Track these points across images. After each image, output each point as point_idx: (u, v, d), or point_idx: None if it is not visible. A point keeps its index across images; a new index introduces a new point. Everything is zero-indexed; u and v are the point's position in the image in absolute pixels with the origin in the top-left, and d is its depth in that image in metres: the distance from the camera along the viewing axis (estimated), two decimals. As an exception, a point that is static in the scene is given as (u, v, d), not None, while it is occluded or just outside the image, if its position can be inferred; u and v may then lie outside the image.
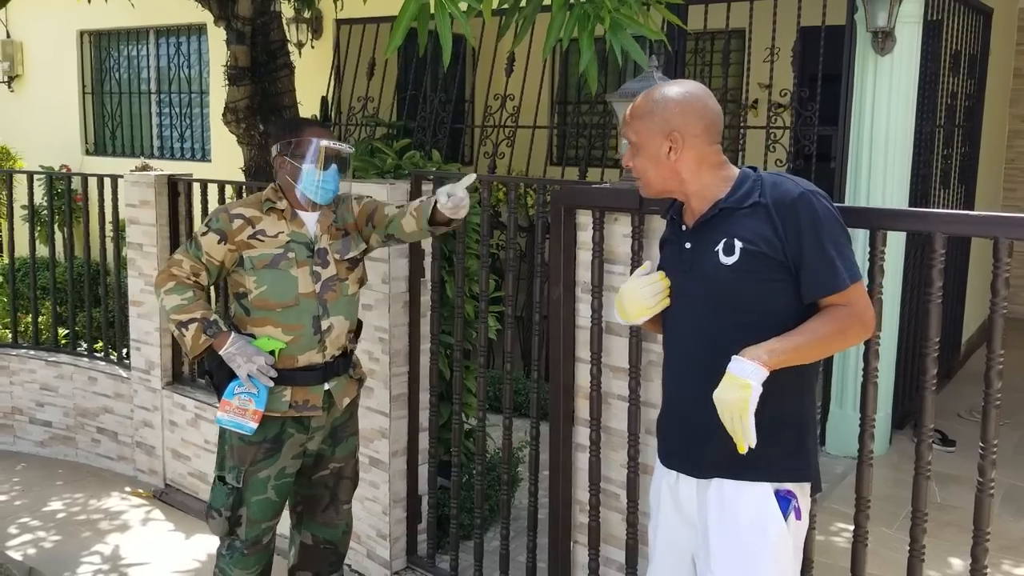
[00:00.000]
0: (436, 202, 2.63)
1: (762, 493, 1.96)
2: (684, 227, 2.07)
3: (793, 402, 1.97)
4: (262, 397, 2.67)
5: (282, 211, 2.75)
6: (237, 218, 2.72)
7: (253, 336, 2.71)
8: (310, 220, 2.78)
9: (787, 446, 1.97)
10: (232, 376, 2.69)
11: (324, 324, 2.75)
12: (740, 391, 1.84)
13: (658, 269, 2.16)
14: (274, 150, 2.79)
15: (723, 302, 1.96)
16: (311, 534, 2.97)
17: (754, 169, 2.02)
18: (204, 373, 2.82)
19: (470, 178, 2.65)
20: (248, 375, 2.65)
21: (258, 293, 2.70)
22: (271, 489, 2.77)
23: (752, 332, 1.91)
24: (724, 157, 2.05)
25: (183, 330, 2.67)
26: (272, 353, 2.69)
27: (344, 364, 2.85)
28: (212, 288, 2.90)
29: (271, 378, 2.67)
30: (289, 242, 2.73)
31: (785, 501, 1.97)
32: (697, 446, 2.02)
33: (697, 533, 2.05)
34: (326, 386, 2.79)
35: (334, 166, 2.74)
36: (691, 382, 2.03)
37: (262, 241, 2.72)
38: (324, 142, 2.73)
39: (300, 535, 2.99)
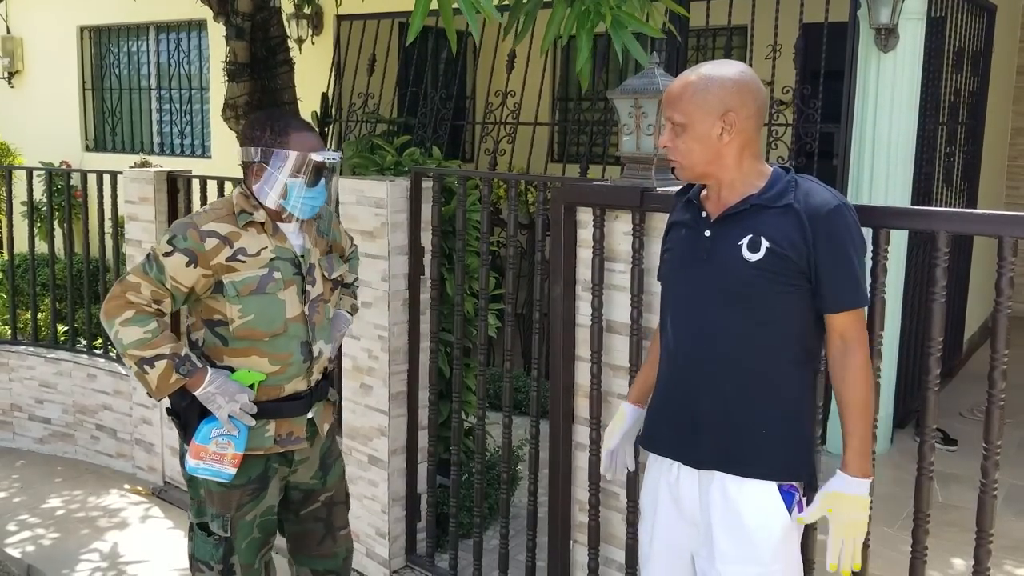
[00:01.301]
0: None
1: (767, 490, 1.95)
2: (705, 214, 2.00)
3: (796, 402, 1.97)
4: (242, 439, 2.35)
5: (262, 224, 2.37)
6: (210, 236, 2.30)
7: (231, 369, 2.36)
8: (291, 231, 2.43)
9: (790, 444, 1.97)
10: (202, 415, 2.35)
11: (315, 350, 2.45)
12: (867, 512, 1.95)
13: (665, 251, 2.13)
14: (250, 153, 2.37)
15: (737, 297, 1.93)
16: (310, 569, 2.69)
17: (786, 170, 1.98)
18: (170, 412, 2.44)
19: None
20: (229, 416, 2.32)
21: (242, 323, 2.33)
22: (256, 528, 2.48)
23: (760, 329, 1.93)
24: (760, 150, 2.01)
25: (146, 368, 2.27)
26: (252, 387, 2.36)
27: (325, 387, 2.55)
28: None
29: (251, 414, 2.36)
30: (273, 260, 2.36)
31: (789, 496, 1.97)
32: (696, 437, 2.01)
33: (699, 531, 2.04)
34: (310, 414, 2.50)
35: (322, 180, 2.38)
36: (693, 372, 2.01)
37: (243, 262, 2.32)
38: (315, 156, 2.33)
39: (299, 569, 2.72)
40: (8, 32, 9.59)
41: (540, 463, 3.10)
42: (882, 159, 4.49)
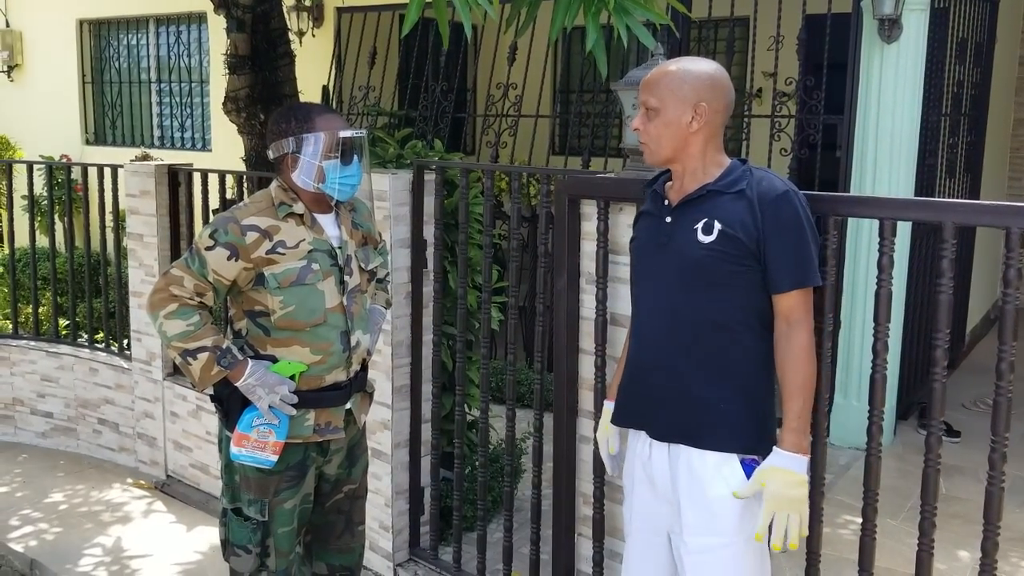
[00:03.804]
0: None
1: (727, 461, 2.06)
2: (667, 202, 2.12)
3: (754, 377, 2.07)
4: (283, 428, 2.40)
5: (300, 216, 2.41)
6: (251, 230, 2.34)
7: (274, 359, 2.42)
8: (328, 223, 2.47)
9: (748, 418, 2.06)
10: (245, 403, 2.41)
11: (353, 340, 2.48)
12: (801, 488, 1.97)
13: (633, 239, 2.24)
14: (282, 146, 2.41)
15: (694, 277, 2.05)
16: (326, 564, 2.72)
17: (743, 161, 2.10)
18: (214, 399, 2.51)
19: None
20: (269, 406, 2.38)
21: (283, 313, 2.38)
22: (296, 518, 2.53)
23: (715, 307, 2.03)
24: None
25: (189, 359, 2.35)
26: (292, 377, 2.41)
27: (363, 379, 2.60)
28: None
29: (292, 404, 2.41)
30: (312, 251, 2.40)
31: (749, 468, 2.05)
32: (659, 410, 2.12)
33: (671, 508, 2.13)
34: (348, 405, 2.54)
35: (356, 157, 2.41)
36: (656, 349, 2.12)
37: (283, 255, 2.36)
38: (343, 132, 2.39)
39: (312, 566, 2.73)
40: (7, 26, 9.57)
41: (544, 456, 3.09)
42: (885, 150, 4.48)
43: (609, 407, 2.36)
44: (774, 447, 2.00)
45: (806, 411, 1.99)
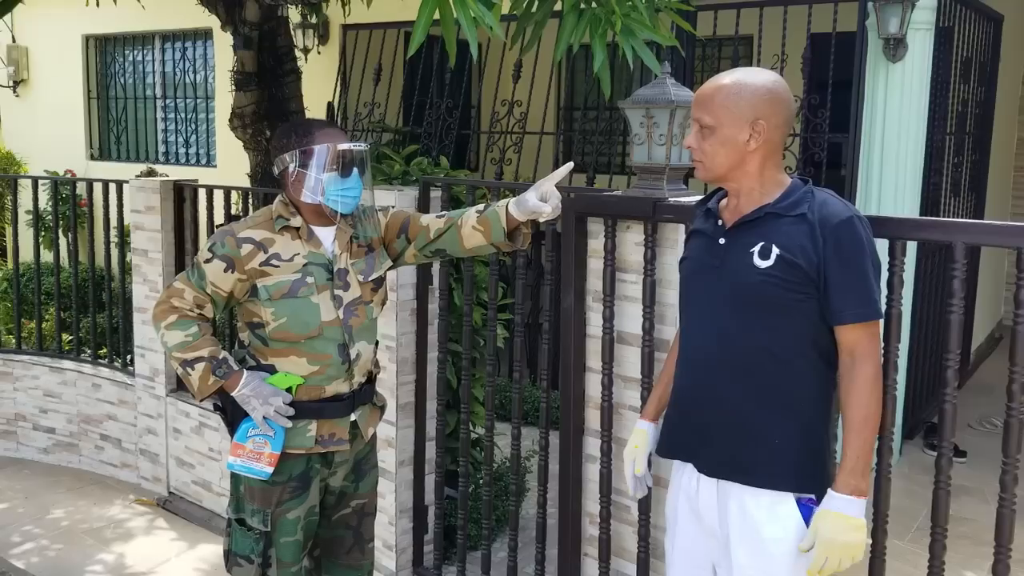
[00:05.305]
0: (507, 207, 2.41)
1: (784, 501, 1.94)
2: (721, 222, 2.02)
3: (811, 411, 1.95)
4: (279, 439, 2.42)
5: (297, 229, 2.44)
6: (246, 242, 2.40)
7: (274, 369, 2.44)
8: (326, 237, 2.48)
9: (804, 455, 1.95)
10: (246, 413, 2.44)
11: (352, 352, 2.47)
12: (858, 533, 1.85)
13: (684, 259, 2.14)
14: (283, 161, 2.45)
15: (748, 304, 1.93)
16: None
17: (805, 181, 1.98)
18: (216, 409, 2.54)
19: (565, 169, 2.38)
20: (264, 417, 2.40)
21: (277, 325, 2.40)
22: (300, 530, 2.52)
23: (771, 336, 1.92)
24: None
25: (188, 369, 2.40)
26: (289, 390, 2.42)
27: (370, 391, 2.59)
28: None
29: (288, 416, 2.41)
30: (307, 265, 2.42)
31: (807, 509, 1.94)
32: (709, 444, 2.01)
33: (719, 543, 2.02)
34: (352, 417, 2.53)
35: (355, 170, 2.43)
36: (707, 378, 2.01)
37: (277, 267, 2.40)
38: (341, 145, 2.42)
39: None
40: (13, 41, 9.61)
41: (550, 475, 3.07)
42: (891, 169, 4.48)
43: (643, 426, 2.26)
44: (828, 489, 1.88)
45: (866, 450, 1.86)
